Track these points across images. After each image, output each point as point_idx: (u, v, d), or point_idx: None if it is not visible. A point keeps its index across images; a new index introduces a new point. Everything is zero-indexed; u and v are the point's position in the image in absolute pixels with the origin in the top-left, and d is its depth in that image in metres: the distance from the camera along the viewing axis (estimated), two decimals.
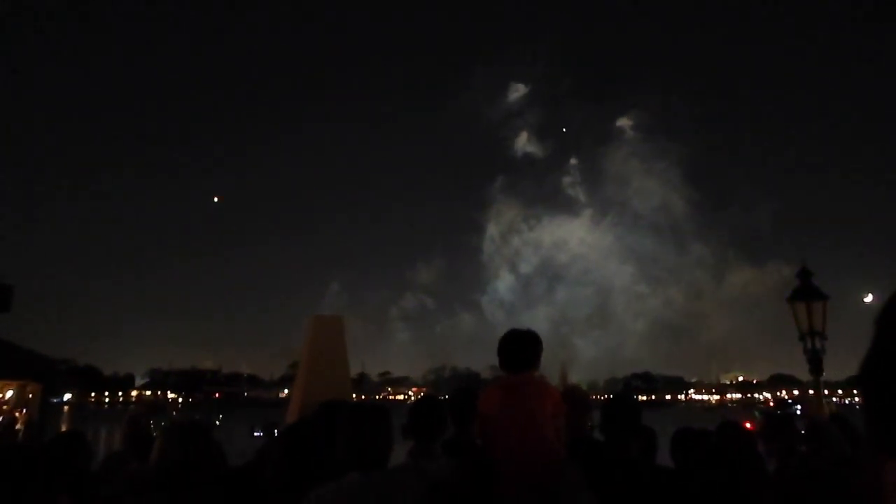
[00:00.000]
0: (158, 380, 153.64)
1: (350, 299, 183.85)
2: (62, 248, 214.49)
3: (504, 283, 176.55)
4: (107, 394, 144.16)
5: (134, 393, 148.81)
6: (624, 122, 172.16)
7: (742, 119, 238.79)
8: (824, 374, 7.54)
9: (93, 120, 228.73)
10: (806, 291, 7.38)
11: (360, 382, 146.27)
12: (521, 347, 3.72)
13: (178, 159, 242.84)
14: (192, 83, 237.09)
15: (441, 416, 3.31)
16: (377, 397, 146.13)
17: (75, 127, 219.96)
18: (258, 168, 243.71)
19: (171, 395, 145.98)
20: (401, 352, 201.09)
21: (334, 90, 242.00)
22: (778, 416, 4.67)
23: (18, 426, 9.71)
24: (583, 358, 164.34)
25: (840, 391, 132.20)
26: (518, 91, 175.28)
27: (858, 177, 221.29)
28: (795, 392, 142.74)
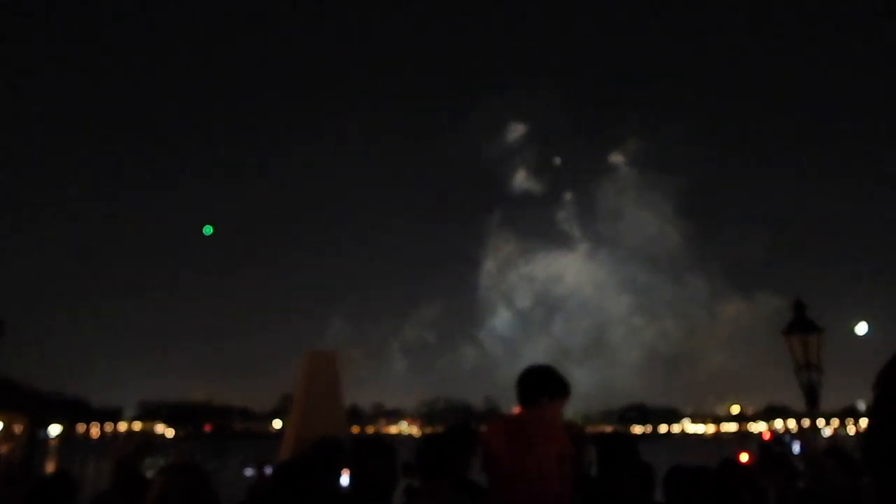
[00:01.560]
0: (148, 412, 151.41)
1: (347, 331, 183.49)
2: (49, 277, 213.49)
3: (501, 317, 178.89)
4: (95, 426, 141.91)
5: (123, 425, 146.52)
6: (617, 158, 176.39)
7: (733, 151, 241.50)
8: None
9: (83, 147, 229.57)
10: (801, 324, 7.38)
11: (353, 415, 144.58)
12: (532, 384, 3.69)
13: (170, 187, 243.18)
14: (184, 107, 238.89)
15: (452, 455, 3.27)
16: (369, 430, 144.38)
17: (64, 155, 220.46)
18: (253, 199, 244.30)
19: (160, 429, 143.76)
20: (394, 384, 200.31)
21: (334, 124, 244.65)
22: (775, 451, 4.63)
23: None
24: (577, 389, 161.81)
25: (835, 421, 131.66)
26: (517, 131, 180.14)
27: (849, 206, 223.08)
28: (791, 422, 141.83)
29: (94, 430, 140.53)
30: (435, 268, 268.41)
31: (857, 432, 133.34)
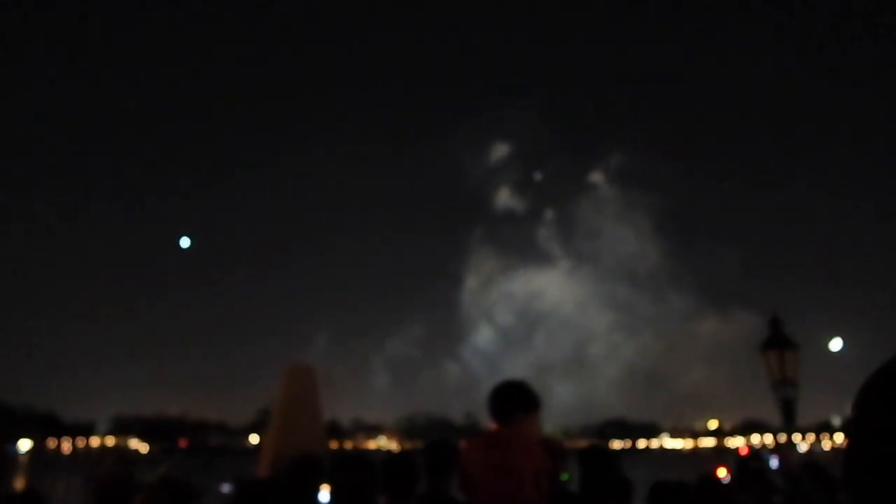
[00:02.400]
0: (122, 427, 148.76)
1: (327, 347, 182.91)
2: (18, 288, 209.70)
3: (483, 334, 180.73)
4: (67, 441, 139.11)
5: (96, 441, 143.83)
6: (597, 177, 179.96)
7: (711, 170, 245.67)
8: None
9: (59, 158, 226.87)
10: (778, 340, 7.47)
11: (332, 430, 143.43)
12: (506, 400, 3.67)
13: (148, 199, 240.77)
14: (165, 118, 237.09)
15: (415, 472, 3.25)
16: (348, 445, 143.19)
17: (38, 167, 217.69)
18: (232, 213, 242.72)
19: (134, 444, 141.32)
20: (373, 398, 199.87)
21: (318, 140, 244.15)
22: (752, 467, 4.67)
23: None
24: (557, 404, 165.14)
25: (811, 436, 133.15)
26: (501, 150, 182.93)
27: (825, 224, 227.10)
28: (768, 437, 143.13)
29: (66, 446, 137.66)
30: (417, 285, 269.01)
31: (833, 447, 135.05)
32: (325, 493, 3.59)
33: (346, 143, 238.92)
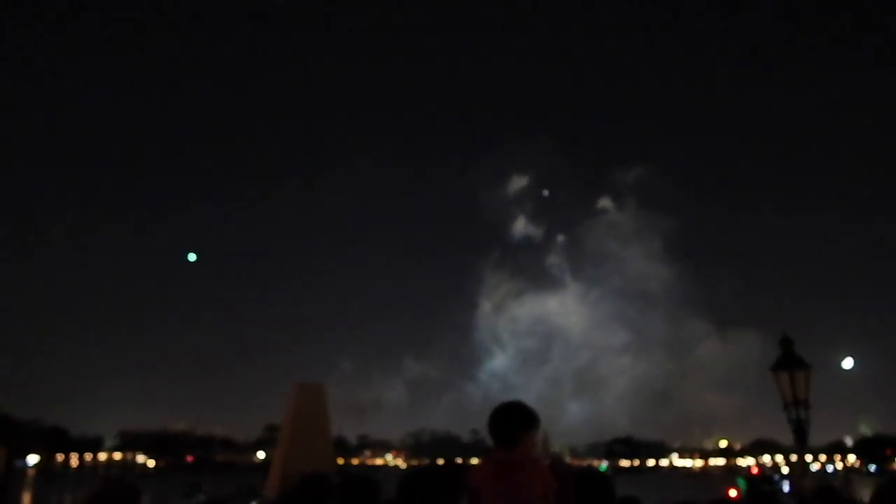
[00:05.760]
0: (128, 442, 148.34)
1: (335, 364, 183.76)
2: (27, 304, 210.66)
3: (495, 356, 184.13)
4: (74, 456, 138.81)
5: (103, 455, 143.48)
6: (606, 202, 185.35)
7: (724, 192, 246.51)
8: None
9: (63, 172, 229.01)
10: (788, 361, 7.40)
11: (338, 446, 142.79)
12: (504, 422, 3.65)
13: (159, 216, 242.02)
14: (184, 138, 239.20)
15: (428, 492, 3.23)
16: (355, 461, 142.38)
17: (45, 183, 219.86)
18: (248, 231, 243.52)
19: (141, 459, 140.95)
20: (379, 416, 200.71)
21: (337, 165, 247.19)
22: (763, 491, 4.64)
23: None
24: (564, 423, 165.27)
25: (822, 456, 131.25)
26: (519, 182, 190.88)
27: (835, 244, 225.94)
28: (779, 457, 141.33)
29: (73, 460, 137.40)
30: (435, 310, 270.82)
31: (845, 467, 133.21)
32: None
33: (366, 173, 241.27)
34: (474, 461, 3.83)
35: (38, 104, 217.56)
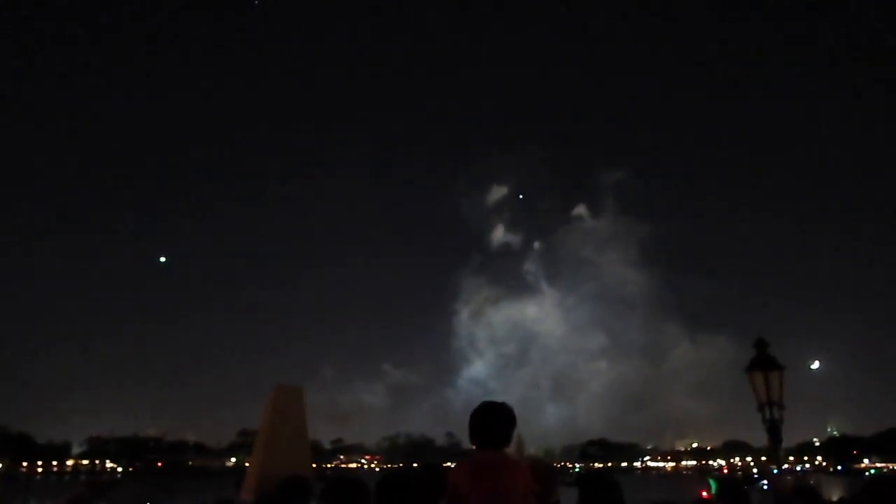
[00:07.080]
0: (97, 448, 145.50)
1: (311, 370, 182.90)
2: None
3: (473, 362, 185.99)
4: (40, 463, 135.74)
5: (70, 462, 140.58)
6: (581, 210, 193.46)
7: (699, 198, 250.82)
8: None
9: (31, 177, 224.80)
10: (763, 362, 7.50)
11: (313, 450, 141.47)
12: (494, 423, 3.62)
13: (129, 219, 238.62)
14: (167, 141, 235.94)
15: (408, 494, 3.21)
16: (329, 465, 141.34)
17: (12, 186, 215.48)
18: (209, 232, 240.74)
19: (110, 465, 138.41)
20: (354, 419, 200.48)
21: (317, 173, 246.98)
22: (733, 488, 4.70)
23: None
24: (539, 426, 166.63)
25: (791, 457, 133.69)
26: (499, 192, 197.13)
27: (805, 249, 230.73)
28: (749, 459, 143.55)
29: (39, 468, 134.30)
30: (415, 316, 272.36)
31: (813, 467, 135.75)
32: None
33: (348, 182, 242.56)
34: (448, 465, 3.80)
35: (6, 106, 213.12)
